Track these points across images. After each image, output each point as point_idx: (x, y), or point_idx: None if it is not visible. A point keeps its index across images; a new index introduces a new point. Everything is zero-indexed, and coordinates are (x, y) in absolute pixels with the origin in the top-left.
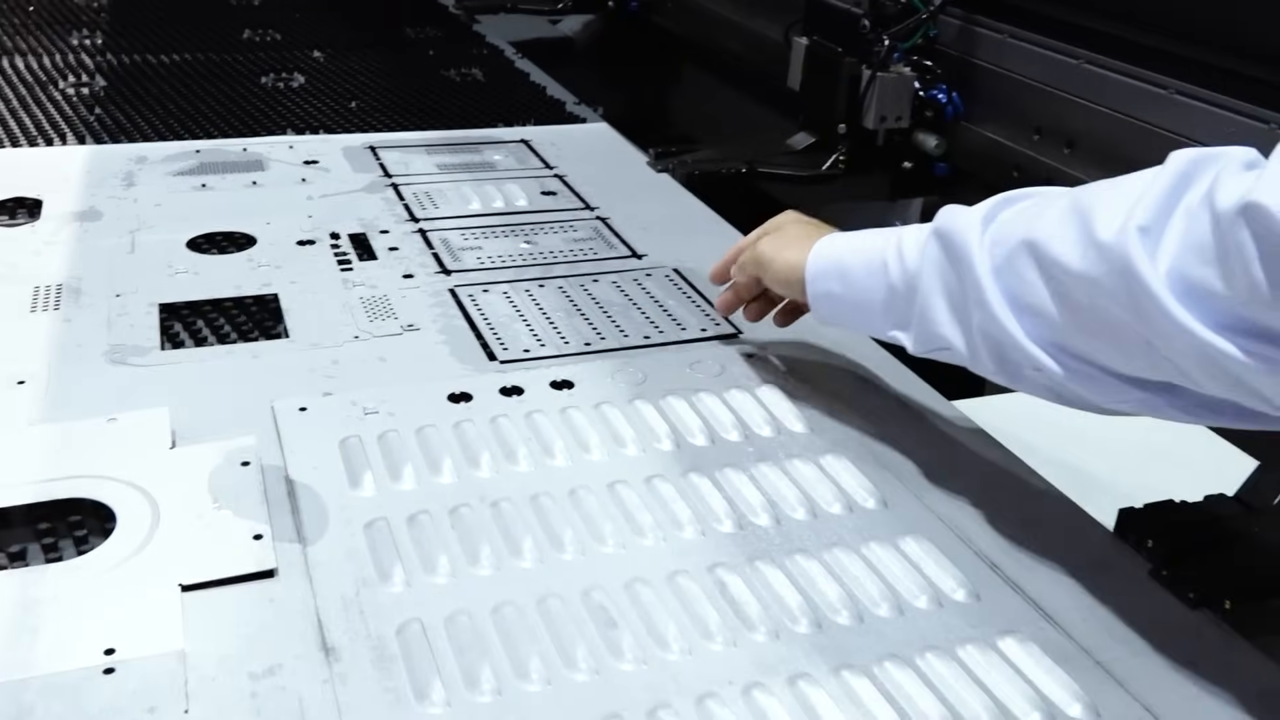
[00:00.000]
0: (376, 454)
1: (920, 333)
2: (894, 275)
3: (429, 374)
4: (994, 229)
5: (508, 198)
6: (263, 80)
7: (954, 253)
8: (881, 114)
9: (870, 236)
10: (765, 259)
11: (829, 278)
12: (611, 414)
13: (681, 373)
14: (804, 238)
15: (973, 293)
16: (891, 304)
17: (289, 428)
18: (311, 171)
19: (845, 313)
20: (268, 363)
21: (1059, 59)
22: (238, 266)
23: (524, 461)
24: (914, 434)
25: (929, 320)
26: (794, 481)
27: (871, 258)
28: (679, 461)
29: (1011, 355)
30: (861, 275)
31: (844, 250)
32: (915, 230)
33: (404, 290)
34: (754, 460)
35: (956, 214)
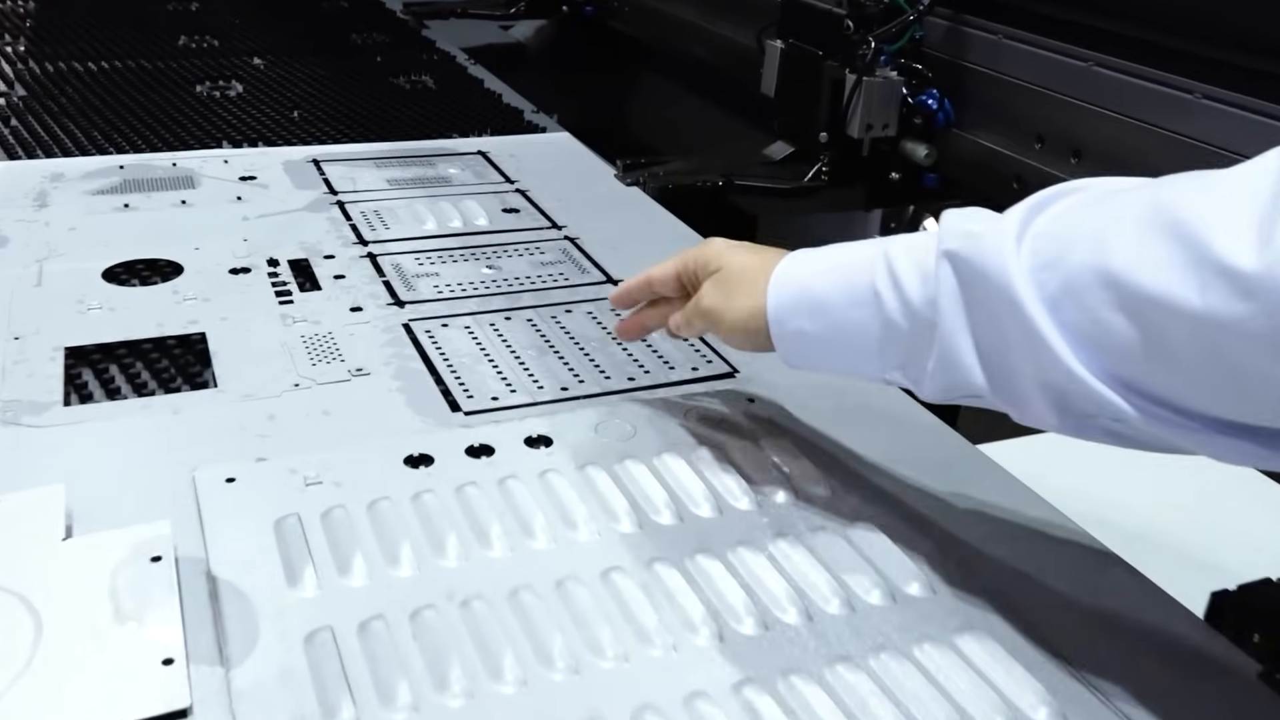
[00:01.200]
0: (320, 539)
1: (943, 380)
2: (890, 308)
3: (382, 429)
4: (1034, 245)
5: (466, 216)
6: (198, 89)
7: (981, 282)
8: (867, 121)
9: (842, 256)
10: (714, 312)
11: (797, 313)
12: (598, 478)
13: (676, 423)
14: (751, 271)
15: (1020, 335)
16: (889, 343)
17: (213, 505)
18: (248, 189)
19: (822, 354)
20: (191, 419)
21: (1065, 61)
22: (160, 300)
23: (498, 544)
24: (947, 491)
25: (955, 366)
26: (822, 563)
27: (854, 284)
28: (683, 538)
29: (1080, 405)
30: (842, 308)
31: (812, 277)
32: (906, 247)
33: (352, 326)
34: (771, 535)
35: (973, 228)
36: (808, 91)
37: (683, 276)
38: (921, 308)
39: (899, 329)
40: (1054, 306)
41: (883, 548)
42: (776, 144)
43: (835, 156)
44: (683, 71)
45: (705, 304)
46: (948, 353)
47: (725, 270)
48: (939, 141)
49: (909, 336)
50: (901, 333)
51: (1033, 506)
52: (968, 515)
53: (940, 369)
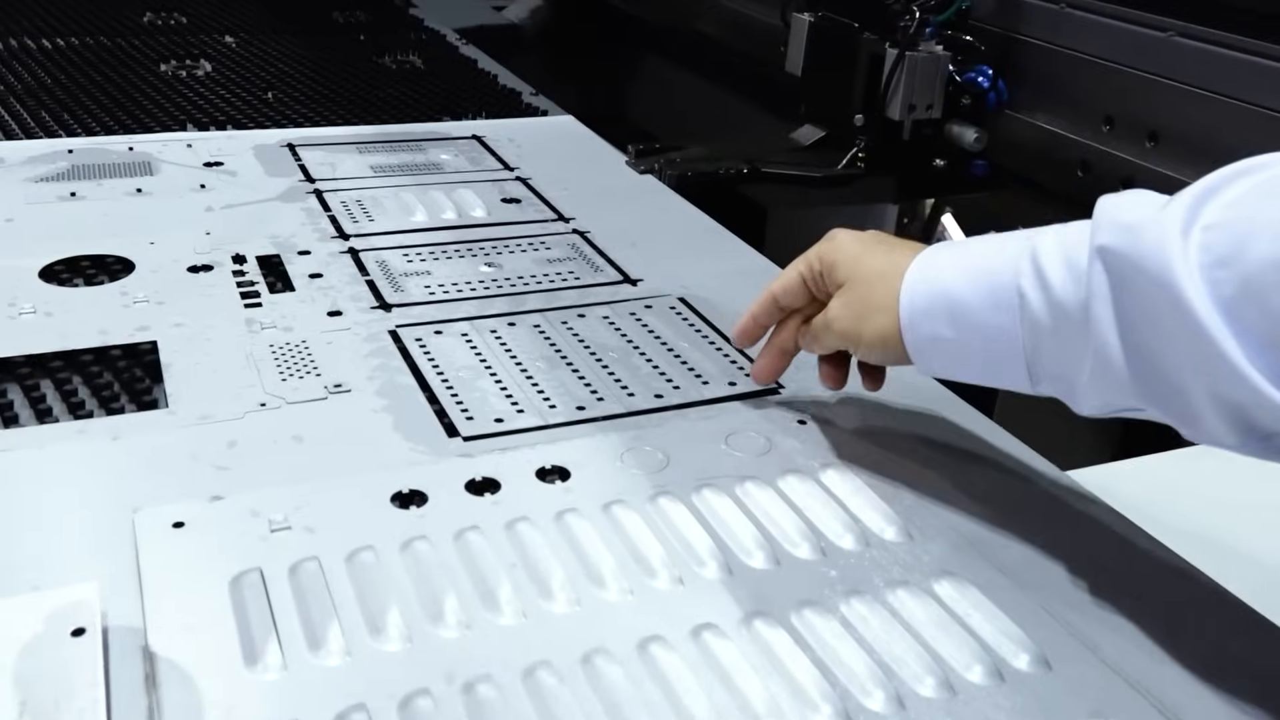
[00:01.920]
0: (287, 602)
1: (1101, 394)
2: (1037, 311)
3: (364, 460)
4: (1205, 238)
5: (461, 207)
6: (162, 68)
7: (1140, 281)
8: (909, 102)
9: (983, 252)
10: (849, 335)
11: (933, 317)
12: (627, 520)
13: (715, 450)
14: (883, 278)
15: (1189, 343)
16: (1039, 351)
17: (155, 559)
18: (213, 175)
19: (964, 362)
20: (133, 448)
21: (1138, 31)
22: (106, 303)
23: (508, 608)
24: (1042, 531)
25: (1112, 379)
26: (908, 629)
27: (996, 284)
28: (735, 598)
29: (1265, 422)
30: (983, 310)
31: (949, 276)
32: (1056, 240)
33: (330, 333)
34: (842, 592)
35: (1130, 218)
36: (841, 69)
37: (810, 283)
38: (1073, 311)
39: (1048, 335)
40: (1230, 310)
41: (981, 608)
42: (805, 128)
43: (872, 141)
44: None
45: (839, 327)
46: (1104, 364)
47: (854, 281)
48: (990, 124)
49: (1060, 344)
50: (1051, 339)
51: (1149, 546)
52: (1074, 561)
53: (1097, 381)
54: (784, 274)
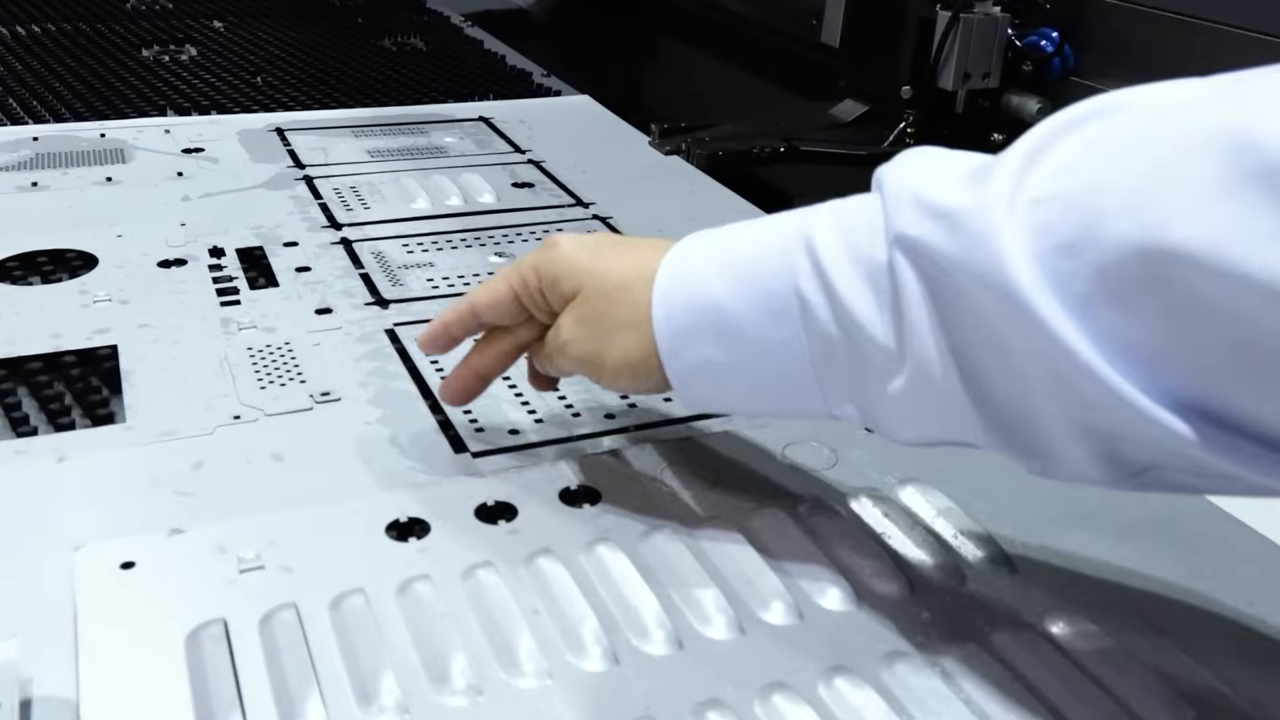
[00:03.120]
0: (257, 663)
1: (920, 424)
2: (823, 321)
3: (354, 482)
4: (1035, 216)
5: (467, 192)
6: (144, 54)
7: (963, 285)
8: (964, 70)
9: (746, 244)
10: (588, 360)
11: (698, 337)
12: (673, 553)
13: (772, 464)
14: (624, 287)
15: (1038, 360)
16: (831, 369)
17: (95, 609)
18: (191, 163)
19: (737, 389)
20: (82, 470)
21: None
22: (62, 302)
23: (530, 666)
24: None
25: (939, 408)
26: (1028, 687)
27: (770, 290)
28: (809, 649)
29: (1136, 449)
30: (758, 325)
31: (713, 281)
32: (834, 223)
33: (317, 334)
34: (938, 638)
35: (937, 197)
36: (886, 35)
37: (524, 298)
38: (869, 320)
39: (841, 348)
40: (1085, 312)
41: (1109, 657)
42: (845, 103)
43: (922, 115)
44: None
45: (575, 351)
46: (923, 385)
47: (586, 291)
48: (1054, 93)
49: (858, 359)
50: (846, 353)
51: None
52: (1218, 598)
53: (913, 407)
54: (490, 283)
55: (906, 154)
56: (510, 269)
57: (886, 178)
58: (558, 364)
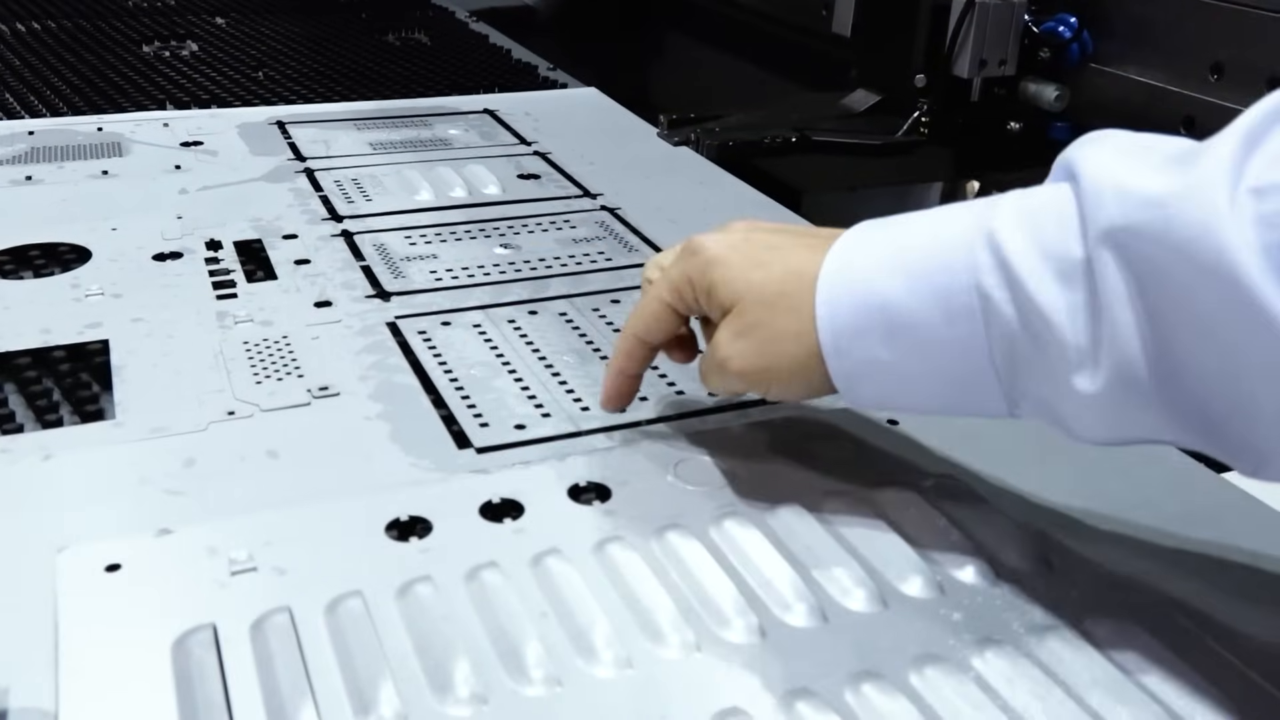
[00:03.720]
0: (247, 671)
1: (1114, 420)
2: (1007, 316)
3: (353, 479)
4: (1260, 207)
5: (472, 184)
6: (144, 50)
7: (1181, 270)
8: (980, 57)
9: (922, 240)
10: (753, 376)
11: (866, 336)
12: (687, 551)
13: (790, 459)
14: (785, 294)
15: (1263, 353)
16: (1017, 368)
17: (78, 614)
18: (190, 156)
19: (907, 388)
20: (68, 469)
21: None
22: (53, 296)
23: (537, 671)
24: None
25: (1139, 403)
26: (1069, 692)
27: (946, 287)
28: (833, 652)
29: None
30: (931, 323)
31: (881, 279)
32: (1019, 217)
33: (317, 327)
34: (971, 641)
35: (1150, 185)
36: (899, 22)
37: (680, 309)
38: (1061, 319)
39: (1028, 347)
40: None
41: (1158, 661)
42: (857, 93)
43: (936, 104)
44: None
45: (738, 366)
46: (1124, 382)
47: (744, 302)
48: (1072, 80)
49: (1047, 358)
50: (1034, 352)
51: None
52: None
53: (1109, 404)
54: (642, 306)
55: (1092, 137)
56: (659, 283)
57: (1080, 165)
58: (721, 382)
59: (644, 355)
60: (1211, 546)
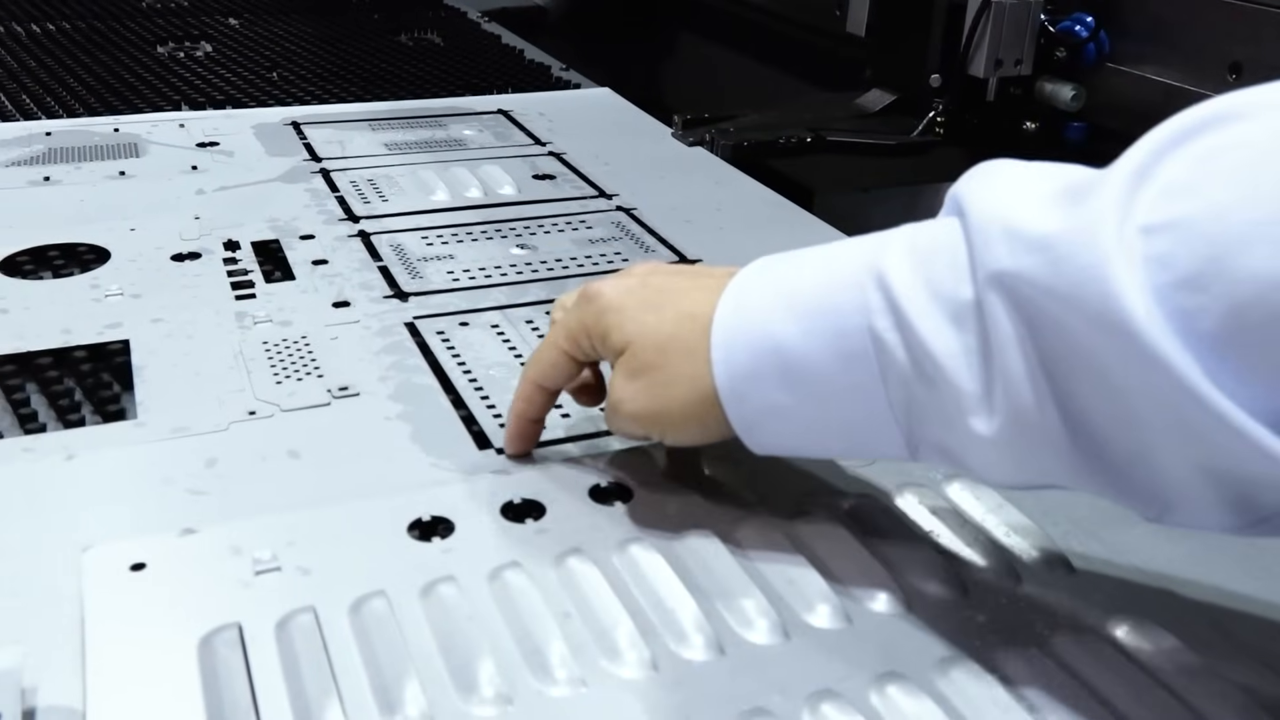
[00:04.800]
0: (273, 670)
1: (1017, 466)
2: (900, 360)
3: (375, 480)
4: (1150, 247)
5: (487, 184)
6: (159, 50)
7: (1069, 319)
8: (996, 57)
9: (815, 279)
10: (648, 418)
11: (762, 380)
12: (710, 553)
13: (812, 461)
14: (677, 337)
15: (1159, 403)
16: (915, 412)
17: (104, 613)
18: (206, 156)
19: (809, 433)
20: (91, 468)
21: None
22: (74, 297)
23: (562, 672)
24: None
25: (1039, 449)
26: (1094, 694)
27: (839, 329)
28: (857, 654)
29: (1269, 499)
30: (827, 367)
31: (775, 320)
32: (909, 255)
33: (335, 328)
34: (995, 643)
35: (1038, 224)
36: (914, 22)
37: (578, 356)
38: (953, 363)
39: (923, 391)
40: (1214, 351)
41: (1182, 666)
42: (872, 93)
43: (952, 104)
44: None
45: (632, 409)
46: (1022, 427)
47: (635, 346)
48: (1089, 80)
49: (940, 404)
50: (929, 397)
51: None
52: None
53: (1011, 449)
54: (539, 354)
55: (982, 170)
56: (556, 331)
57: (968, 202)
58: (617, 424)
59: (543, 401)
60: (1234, 551)
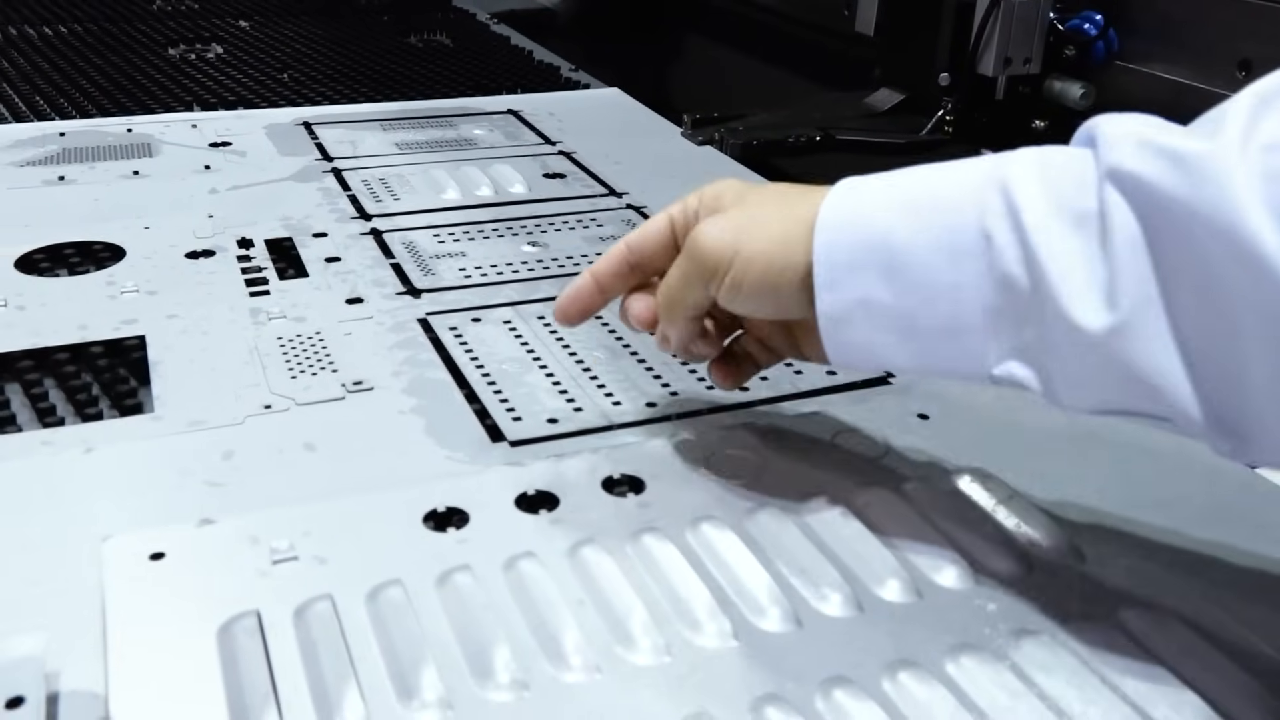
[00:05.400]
0: (292, 656)
1: (1103, 384)
2: (1009, 258)
3: (390, 472)
4: (1276, 161)
5: (498, 183)
6: (170, 52)
7: (1189, 227)
8: (1005, 55)
9: (931, 183)
10: (714, 255)
11: (863, 267)
12: (721, 542)
13: (822, 453)
14: (785, 202)
15: (1257, 315)
16: (1004, 316)
17: (125, 601)
18: (219, 156)
19: (894, 335)
20: (110, 461)
21: None
22: (90, 294)
23: (576, 659)
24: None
25: (1132, 365)
26: (1104, 681)
27: (952, 226)
28: (870, 642)
29: None
30: (934, 262)
31: (886, 215)
32: (1034, 165)
33: (349, 323)
34: (1006, 632)
35: (1165, 139)
36: (923, 20)
37: (679, 227)
38: (1066, 266)
39: (1024, 296)
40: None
41: (1191, 649)
42: (880, 92)
43: (961, 103)
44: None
45: (707, 236)
46: (1122, 345)
47: (744, 201)
48: (1098, 78)
49: (1041, 310)
50: (1028, 304)
51: None
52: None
53: (1104, 370)
54: (646, 222)
55: (1116, 115)
56: (672, 206)
57: (1101, 126)
58: (687, 256)
59: (621, 268)
60: (1244, 539)
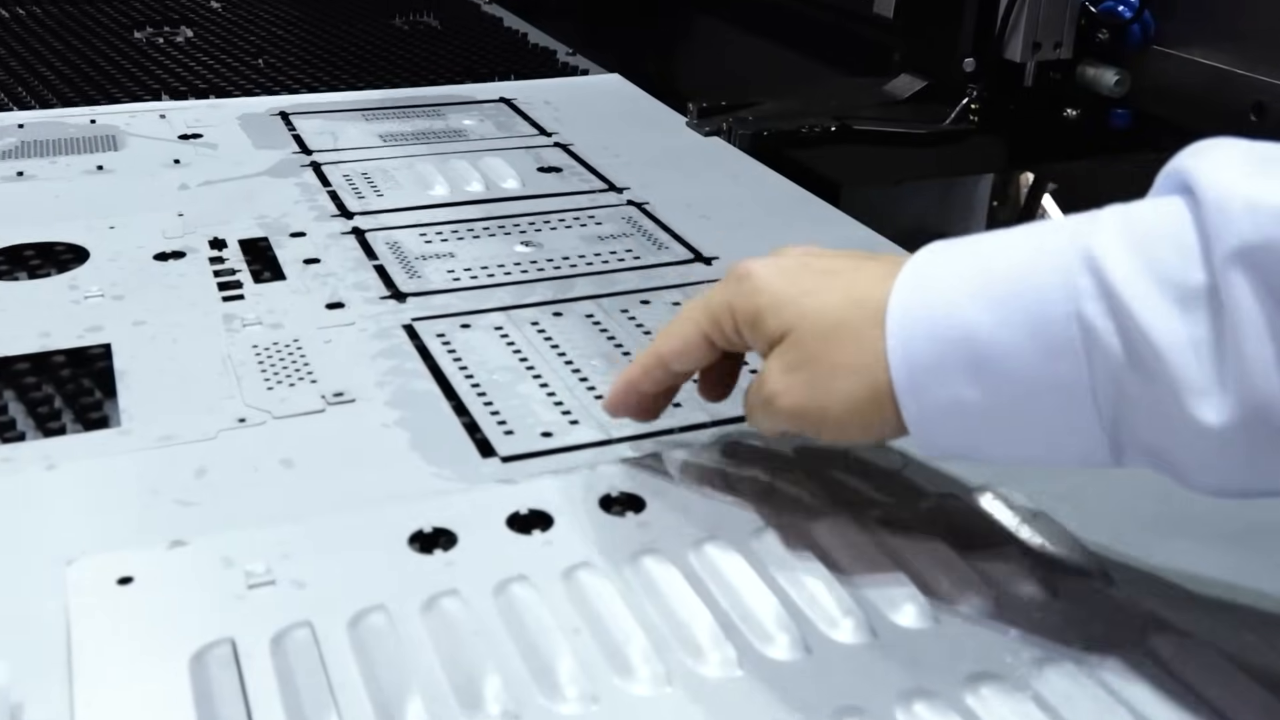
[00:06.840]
0: (269, 687)
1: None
2: (1113, 350)
3: (373, 489)
4: None
5: (489, 178)
6: (136, 36)
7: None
8: (1034, 39)
9: (1009, 262)
10: (805, 415)
11: (949, 372)
12: (727, 565)
13: (836, 468)
14: (844, 325)
15: None
16: (1123, 409)
17: (90, 628)
18: (189, 149)
19: (993, 432)
20: (74, 479)
21: None
22: (51, 299)
23: (571, 690)
24: None
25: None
26: (1132, 711)
27: (1041, 316)
28: (883, 670)
29: None
30: (1025, 356)
31: (965, 305)
32: (1121, 235)
33: (329, 330)
34: (1029, 660)
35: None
36: (946, 2)
37: (717, 340)
38: (1179, 353)
39: (1139, 387)
40: None
41: (1224, 679)
42: (900, 78)
43: (987, 90)
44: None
45: (786, 403)
46: (1255, 430)
47: (797, 333)
48: (1133, 64)
49: (1156, 400)
50: (1140, 394)
51: None
52: None
53: (1238, 456)
54: (674, 328)
55: (1202, 146)
56: (696, 307)
57: (1197, 177)
58: (768, 421)
59: (663, 379)
60: (1274, 559)
